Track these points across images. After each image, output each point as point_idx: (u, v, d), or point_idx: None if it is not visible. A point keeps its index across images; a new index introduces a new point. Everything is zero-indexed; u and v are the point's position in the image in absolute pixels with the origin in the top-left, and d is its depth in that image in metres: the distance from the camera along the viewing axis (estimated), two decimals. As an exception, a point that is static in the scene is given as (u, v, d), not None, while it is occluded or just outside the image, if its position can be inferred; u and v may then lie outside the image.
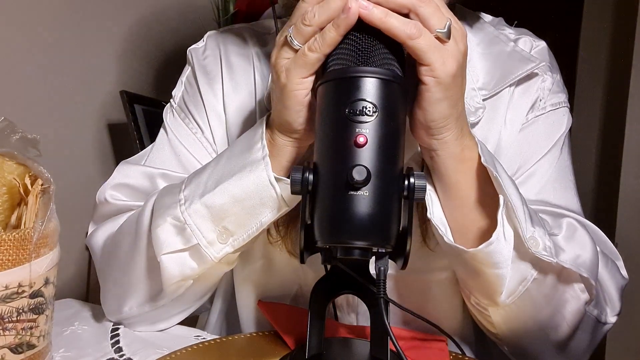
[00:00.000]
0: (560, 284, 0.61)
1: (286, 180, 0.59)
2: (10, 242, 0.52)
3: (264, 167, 0.58)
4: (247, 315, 0.78)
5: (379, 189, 0.45)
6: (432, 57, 0.49)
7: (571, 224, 0.65)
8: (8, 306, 0.52)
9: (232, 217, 0.61)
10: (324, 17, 0.50)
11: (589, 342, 0.67)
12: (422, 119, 0.53)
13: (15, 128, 0.58)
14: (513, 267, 0.57)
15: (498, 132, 0.69)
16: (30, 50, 1.19)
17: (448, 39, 0.50)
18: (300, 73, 0.53)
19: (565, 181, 0.72)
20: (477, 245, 0.57)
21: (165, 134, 0.77)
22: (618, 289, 0.68)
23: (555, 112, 0.72)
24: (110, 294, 0.71)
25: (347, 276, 0.55)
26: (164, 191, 0.67)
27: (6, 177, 0.57)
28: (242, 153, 0.61)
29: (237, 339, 0.68)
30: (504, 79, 0.69)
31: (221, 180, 0.60)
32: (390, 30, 0.48)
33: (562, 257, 0.59)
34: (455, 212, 0.60)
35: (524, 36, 0.74)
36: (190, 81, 0.78)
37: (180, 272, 0.63)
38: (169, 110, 0.78)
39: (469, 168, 0.58)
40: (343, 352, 0.60)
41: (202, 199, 0.61)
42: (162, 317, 0.71)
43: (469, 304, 0.67)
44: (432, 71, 0.50)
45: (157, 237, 0.62)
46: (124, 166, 0.75)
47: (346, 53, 0.49)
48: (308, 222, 0.48)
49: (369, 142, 0.46)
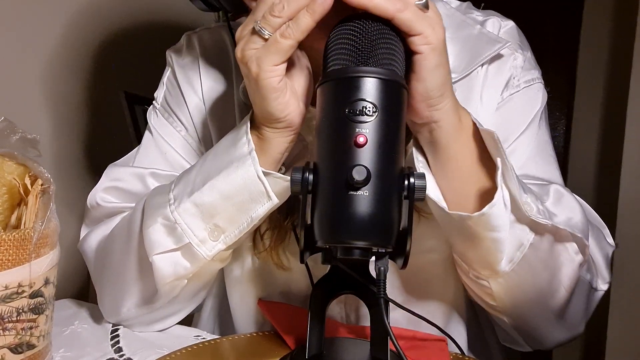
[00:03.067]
0: (555, 247, 0.62)
1: (276, 174, 0.59)
2: (10, 242, 0.52)
3: (251, 162, 0.58)
4: (240, 313, 0.78)
5: (379, 188, 0.45)
6: (422, 26, 0.50)
7: (557, 190, 0.66)
8: (8, 306, 0.52)
9: (222, 214, 0.61)
10: (294, 8, 0.51)
11: (585, 308, 0.68)
12: (422, 91, 0.53)
13: (15, 128, 0.58)
14: (510, 232, 0.58)
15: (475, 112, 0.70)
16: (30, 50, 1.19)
17: (427, 9, 0.51)
18: (272, 60, 0.53)
19: (545, 155, 0.73)
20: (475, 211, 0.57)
21: (151, 135, 0.78)
22: (605, 256, 0.69)
23: (529, 89, 0.73)
24: (107, 297, 0.71)
25: (347, 276, 0.55)
26: (155, 191, 0.67)
27: (6, 177, 0.57)
28: (228, 149, 0.61)
29: (237, 339, 0.68)
30: (472, 61, 0.70)
31: (209, 178, 0.61)
32: (377, 8, 0.49)
33: (556, 220, 0.61)
34: (453, 183, 0.60)
35: (492, 17, 0.75)
36: (171, 81, 0.79)
37: (173, 271, 0.63)
38: (152, 112, 0.80)
39: (467, 136, 0.59)
40: (343, 352, 0.60)
41: (191, 197, 0.61)
42: (160, 317, 0.71)
43: (467, 279, 0.67)
44: (425, 38, 0.50)
45: (148, 238, 0.63)
46: (113, 169, 0.76)
47: (346, 53, 0.49)
48: (308, 222, 0.48)
49: (369, 142, 0.46)
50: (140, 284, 0.67)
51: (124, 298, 0.68)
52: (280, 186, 0.60)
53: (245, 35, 0.54)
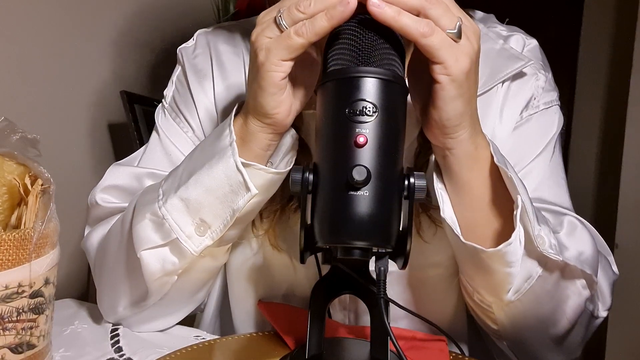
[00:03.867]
0: (563, 280, 0.62)
1: (257, 166, 0.58)
2: (10, 242, 0.52)
3: (231, 154, 0.58)
4: (240, 314, 0.78)
5: (379, 189, 0.45)
6: (445, 55, 0.49)
7: (571, 221, 0.66)
8: (8, 306, 0.52)
9: (207, 208, 0.60)
10: (320, 7, 0.49)
11: (583, 335, 0.68)
12: (437, 118, 0.53)
13: (15, 128, 0.58)
14: (521, 265, 0.58)
15: (491, 129, 0.69)
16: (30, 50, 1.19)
17: (459, 39, 0.50)
18: (281, 54, 0.51)
19: (558, 179, 0.72)
20: (488, 243, 0.57)
21: (157, 135, 0.77)
22: (610, 284, 0.69)
23: (548, 111, 0.72)
24: (105, 296, 0.71)
25: (347, 276, 0.55)
26: (147, 189, 0.67)
27: (6, 177, 0.57)
28: (213, 142, 0.60)
29: (237, 339, 0.68)
30: (493, 76, 0.69)
31: (194, 172, 0.60)
32: (403, 29, 0.48)
33: (566, 255, 0.60)
34: (465, 211, 0.60)
35: (516, 34, 0.74)
36: (181, 80, 0.78)
37: (161, 267, 0.63)
38: (160, 111, 0.79)
39: (481, 167, 0.58)
40: (343, 352, 0.60)
41: (178, 192, 0.60)
42: (157, 316, 0.70)
43: (470, 301, 0.67)
44: (445, 69, 0.49)
45: (136, 234, 0.62)
46: (115, 168, 0.75)
47: (346, 53, 0.49)
48: (308, 222, 0.48)
49: (369, 142, 0.46)
50: (132, 282, 0.66)
51: (120, 296, 0.68)
52: (263, 178, 0.59)
53: (265, 22, 0.53)
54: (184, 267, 0.64)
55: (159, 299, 0.67)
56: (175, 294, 0.67)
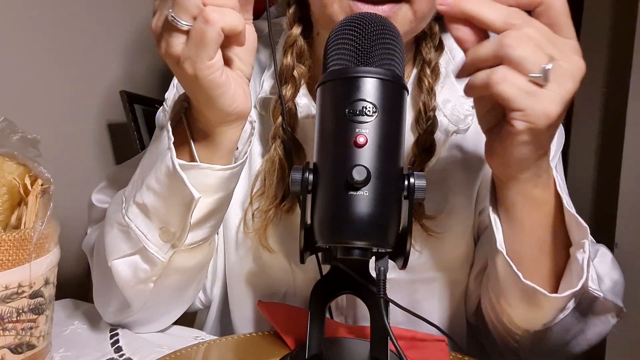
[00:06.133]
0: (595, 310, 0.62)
1: (202, 165, 0.54)
2: (10, 242, 0.52)
3: (169, 156, 0.54)
4: (239, 315, 0.78)
5: (379, 189, 0.45)
6: (523, 103, 0.43)
7: (604, 252, 0.66)
8: (8, 306, 0.52)
9: (162, 212, 0.57)
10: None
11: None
12: (499, 152, 0.49)
13: (15, 128, 0.58)
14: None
15: None
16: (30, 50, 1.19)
17: (546, 82, 0.42)
18: (205, 56, 0.45)
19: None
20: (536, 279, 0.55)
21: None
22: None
23: None
24: (99, 299, 0.71)
25: (347, 276, 0.55)
26: (117, 195, 0.64)
27: (6, 177, 0.57)
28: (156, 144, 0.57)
29: (237, 339, 0.67)
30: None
31: (144, 177, 0.57)
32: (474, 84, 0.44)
33: (603, 287, 0.60)
34: (514, 243, 0.57)
35: None
36: None
37: (133, 276, 0.61)
38: (161, 114, 0.78)
39: (539, 210, 0.55)
40: (343, 352, 0.60)
41: (135, 198, 0.58)
42: (150, 319, 0.69)
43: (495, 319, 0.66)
44: (526, 116, 0.43)
45: (106, 243, 0.61)
46: (113, 169, 0.75)
47: (346, 53, 0.49)
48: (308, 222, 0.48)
49: (369, 142, 0.46)
50: (113, 290, 0.64)
51: (109, 302, 0.67)
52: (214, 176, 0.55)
53: (160, 30, 0.46)
54: (158, 274, 0.61)
55: (143, 305, 0.65)
56: (162, 298, 0.66)
